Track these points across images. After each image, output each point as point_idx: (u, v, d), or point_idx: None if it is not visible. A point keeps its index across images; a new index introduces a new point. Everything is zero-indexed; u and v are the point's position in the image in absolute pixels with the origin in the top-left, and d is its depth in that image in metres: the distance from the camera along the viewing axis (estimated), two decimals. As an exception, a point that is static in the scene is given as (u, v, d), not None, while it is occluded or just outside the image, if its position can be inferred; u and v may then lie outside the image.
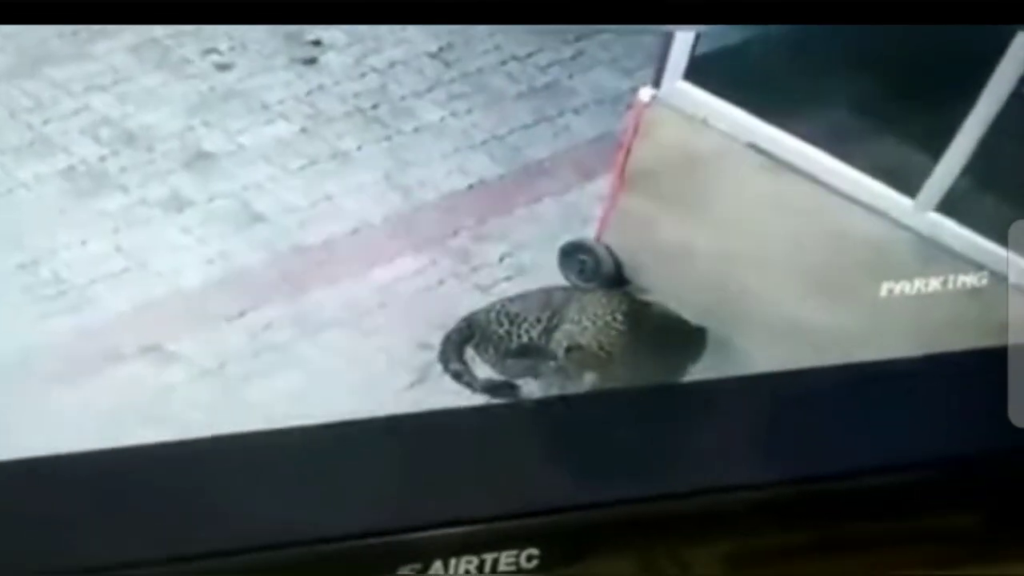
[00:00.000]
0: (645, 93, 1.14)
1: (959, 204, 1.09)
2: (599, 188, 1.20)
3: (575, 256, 1.20)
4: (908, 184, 1.09)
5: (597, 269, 1.19)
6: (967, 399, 1.10)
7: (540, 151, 1.21)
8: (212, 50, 1.19)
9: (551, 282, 1.19)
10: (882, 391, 1.09)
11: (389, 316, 1.14)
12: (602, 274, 1.19)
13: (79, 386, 1.06)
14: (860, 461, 1.08)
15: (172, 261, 1.12)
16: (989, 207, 1.08)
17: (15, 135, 1.12)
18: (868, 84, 1.11)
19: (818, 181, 1.10)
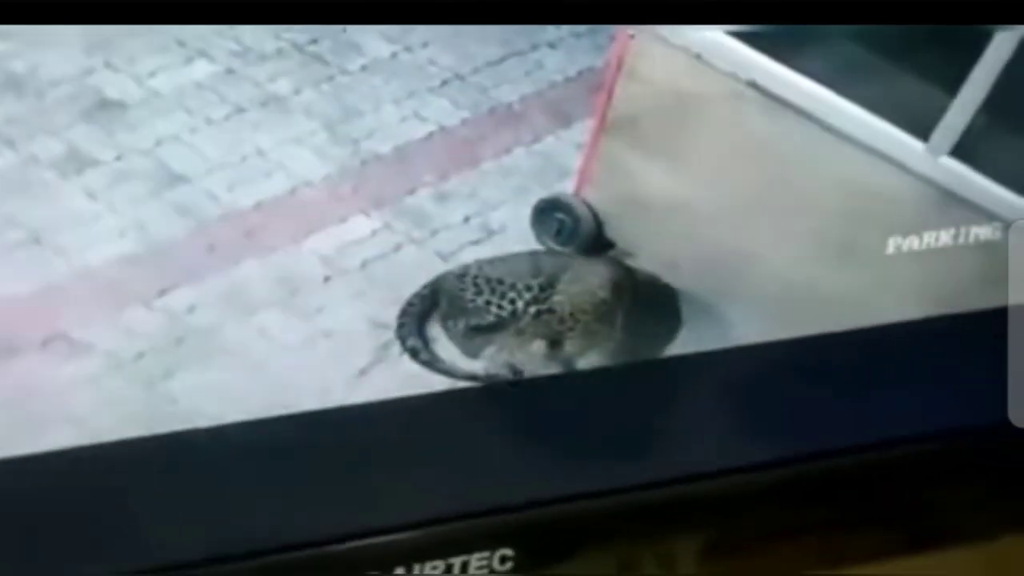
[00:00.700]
0: None
1: (975, 148, 1.02)
2: (577, 135, 1.07)
3: (551, 215, 1.07)
4: (919, 126, 1.02)
5: (576, 229, 1.07)
6: (976, 364, 1.05)
7: (509, 93, 1.08)
8: (116, -25, 1.03)
9: (523, 246, 1.07)
10: (884, 359, 1.04)
11: (335, 291, 1.01)
12: (581, 235, 1.07)
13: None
14: (864, 435, 1.04)
15: (74, 233, 0.98)
16: (1007, 152, 1.03)
17: None
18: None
19: (822, 124, 1.02)
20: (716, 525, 1.07)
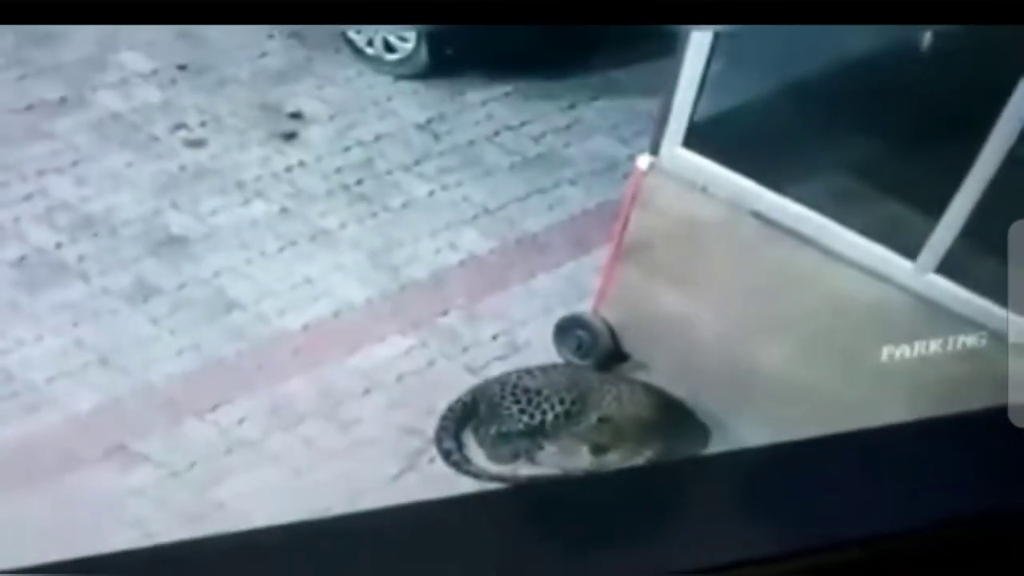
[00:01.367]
0: (643, 161, 1.11)
1: (958, 265, 1.08)
2: (596, 260, 1.15)
3: (572, 332, 1.14)
4: (908, 247, 1.08)
5: (594, 344, 1.13)
6: (974, 459, 1.05)
7: (534, 224, 1.18)
8: (181, 125, 1.15)
9: (546, 360, 1.13)
10: (885, 457, 1.05)
11: (373, 403, 1.08)
12: (599, 350, 1.13)
13: (35, 495, 0.99)
14: (869, 528, 1.03)
15: (138, 354, 1.07)
16: (988, 268, 1.07)
17: (-42, 225, 1.08)
18: (867, 148, 1.11)
19: (819, 247, 1.08)
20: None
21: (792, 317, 1.09)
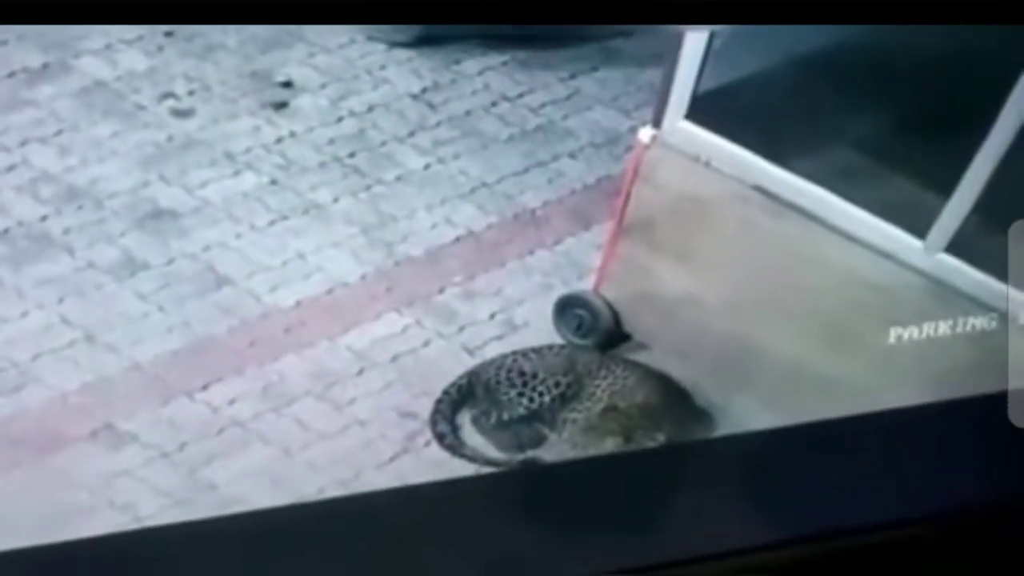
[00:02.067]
0: (645, 134, 1.08)
1: (969, 245, 1.05)
2: (596, 237, 1.13)
3: (571, 310, 1.11)
4: (917, 225, 1.05)
5: (595, 324, 1.11)
6: (986, 445, 1.04)
7: (533, 199, 1.15)
8: (169, 94, 1.12)
9: (545, 340, 1.11)
10: (891, 442, 1.04)
11: (367, 383, 1.06)
12: (600, 329, 1.11)
13: (19, 476, 0.97)
14: (873, 515, 1.02)
15: (125, 331, 1.04)
16: (999, 247, 1.04)
17: (-63, 197, 1.05)
18: (875, 122, 1.08)
19: (826, 224, 1.06)
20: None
21: (797, 296, 1.06)
